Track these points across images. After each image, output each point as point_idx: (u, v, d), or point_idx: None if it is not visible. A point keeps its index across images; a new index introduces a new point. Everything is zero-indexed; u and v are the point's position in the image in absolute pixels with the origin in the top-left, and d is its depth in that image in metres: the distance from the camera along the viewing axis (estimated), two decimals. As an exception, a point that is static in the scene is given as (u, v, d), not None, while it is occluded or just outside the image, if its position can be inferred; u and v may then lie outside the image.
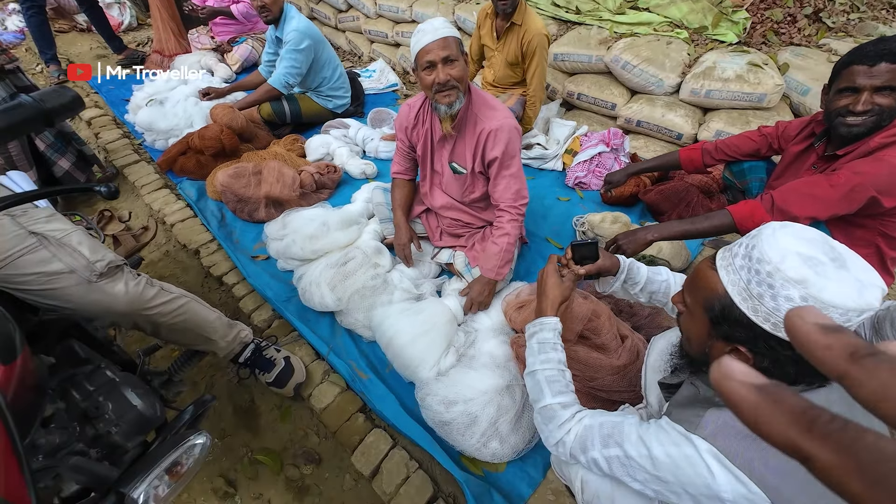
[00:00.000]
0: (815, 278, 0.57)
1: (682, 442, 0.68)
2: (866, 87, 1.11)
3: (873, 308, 0.56)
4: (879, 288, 0.58)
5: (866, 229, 1.25)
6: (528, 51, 2.12)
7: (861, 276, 0.58)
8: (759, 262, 0.62)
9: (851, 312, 0.56)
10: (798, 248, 0.61)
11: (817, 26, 2.44)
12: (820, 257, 0.60)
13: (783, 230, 0.64)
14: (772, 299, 0.60)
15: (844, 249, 0.62)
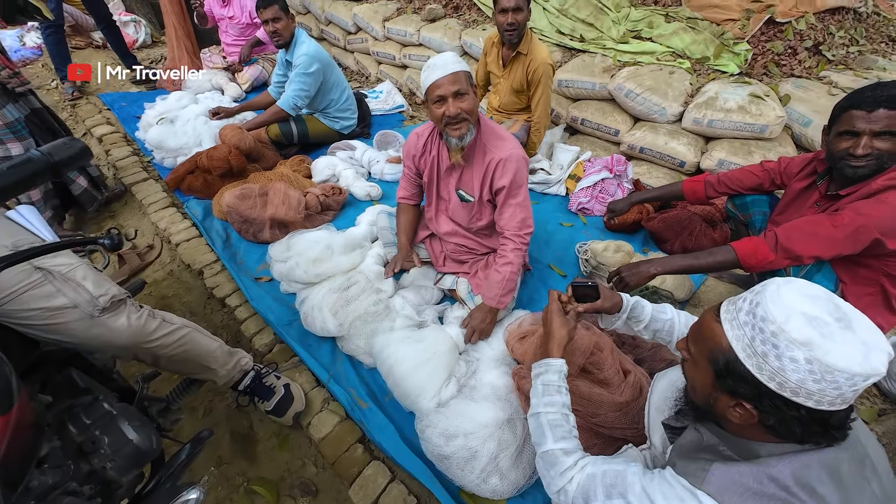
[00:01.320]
0: (821, 340, 0.57)
1: (688, 497, 0.67)
2: (865, 131, 1.12)
3: (880, 373, 0.56)
4: (886, 352, 0.57)
5: (870, 269, 1.24)
6: (534, 79, 2.16)
7: (867, 339, 0.58)
8: (763, 321, 0.61)
9: (858, 377, 0.56)
10: (803, 308, 0.60)
11: (818, 59, 2.48)
12: (825, 318, 0.59)
13: (787, 286, 0.64)
14: (776, 359, 0.60)
15: (850, 309, 0.62)
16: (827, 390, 0.57)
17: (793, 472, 0.63)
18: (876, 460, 0.66)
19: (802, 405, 0.59)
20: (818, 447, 0.64)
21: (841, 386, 0.57)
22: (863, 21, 2.84)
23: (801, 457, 0.64)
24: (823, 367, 0.56)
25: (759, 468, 0.65)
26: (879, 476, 0.65)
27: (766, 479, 0.63)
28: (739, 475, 0.65)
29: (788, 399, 0.60)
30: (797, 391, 0.59)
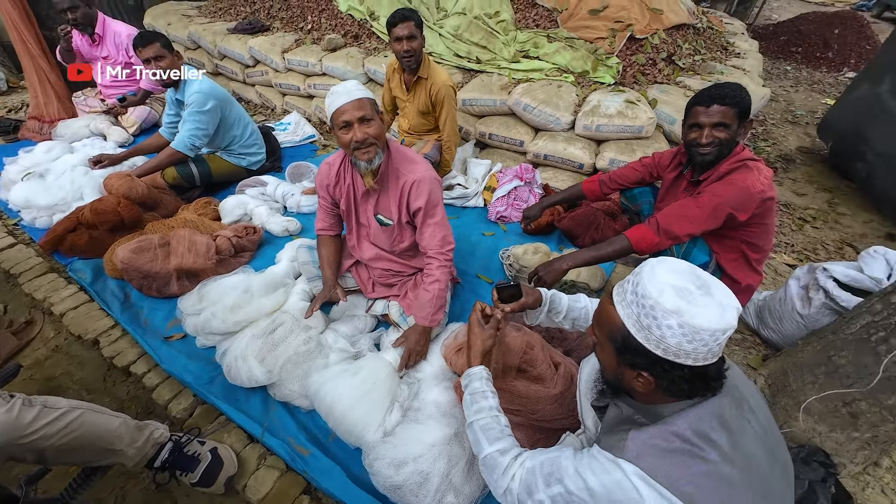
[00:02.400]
0: (688, 307, 0.67)
1: (612, 468, 0.73)
2: (706, 123, 1.35)
3: (733, 327, 0.67)
4: (735, 308, 0.69)
5: (732, 239, 1.48)
6: (437, 101, 2.26)
7: (722, 301, 0.69)
8: (643, 298, 0.71)
9: (717, 332, 0.66)
10: (672, 281, 0.70)
11: (672, 67, 2.93)
12: (690, 287, 0.70)
13: (660, 265, 0.74)
14: (657, 329, 0.69)
15: (708, 277, 0.74)
16: (699, 348, 0.67)
17: (690, 425, 0.72)
18: (752, 400, 0.78)
19: (685, 364, 0.69)
20: (705, 399, 0.74)
21: (708, 342, 0.67)
22: (700, 35, 3.41)
23: (694, 410, 0.73)
24: (692, 329, 0.66)
25: (664, 427, 0.73)
26: (756, 413, 0.77)
27: (671, 435, 0.72)
28: (650, 438, 0.73)
29: (673, 362, 0.69)
30: (678, 353, 0.68)
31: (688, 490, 0.67)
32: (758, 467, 0.72)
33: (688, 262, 0.77)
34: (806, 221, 3.14)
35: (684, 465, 0.69)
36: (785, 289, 1.73)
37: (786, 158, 3.92)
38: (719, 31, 3.87)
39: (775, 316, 1.74)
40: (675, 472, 0.69)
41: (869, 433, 1.24)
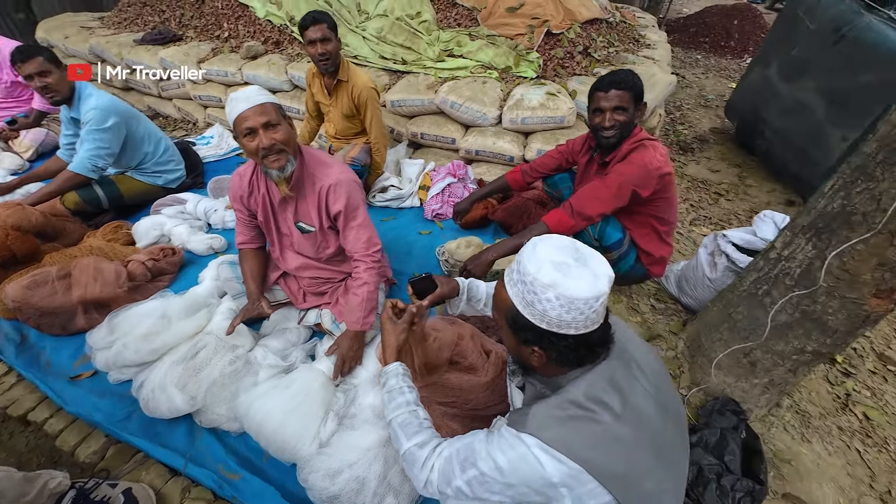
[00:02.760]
0: (563, 279, 0.70)
1: (517, 443, 0.75)
2: (607, 108, 1.43)
3: (604, 293, 0.71)
4: (608, 276, 0.73)
5: (641, 215, 1.58)
6: (360, 103, 2.23)
7: (596, 270, 0.73)
8: (524, 275, 0.73)
9: (591, 300, 0.70)
10: (551, 257, 0.73)
11: (589, 60, 3.08)
12: (568, 261, 0.73)
13: (542, 243, 0.77)
14: (539, 303, 0.71)
15: (587, 250, 0.78)
16: (577, 317, 0.71)
17: (583, 391, 0.75)
18: (641, 360, 0.83)
19: (568, 335, 0.72)
20: (596, 364, 0.78)
21: (583, 310, 0.70)
22: (614, 28, 3.63)
23: (587, 377, 0.77)
24: (568, 299, 0.69)
25: (561, 397, 0.76)
26: (645, 372, 0.82)
27: (567, 403, 0.75)
28: (549, 408, 0.76)
29: (557, 333, 0.72)
30: (560, 324, 0.71)
31: (584, 454, 0.70)
32: (648, 421, 0.77)
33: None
34: (720, 195, 3.42)
35: (580, 430, 0.72)
36: (696, 257, 1.87)
37: (701, 139, 4.25)
38: (632, 25, 4.13)
39: (690, 283, 1.88)
40: (572, 438, 0.72)
41: (766, 378, 1.36)
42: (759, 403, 1.44)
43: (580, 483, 0.71)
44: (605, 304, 0.74)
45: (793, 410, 1.55)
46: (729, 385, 1.46)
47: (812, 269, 1.12)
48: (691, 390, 1.55)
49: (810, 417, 1.56)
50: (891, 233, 0.96)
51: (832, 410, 1.67)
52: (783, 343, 1.26)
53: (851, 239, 1.01)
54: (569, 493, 0.72)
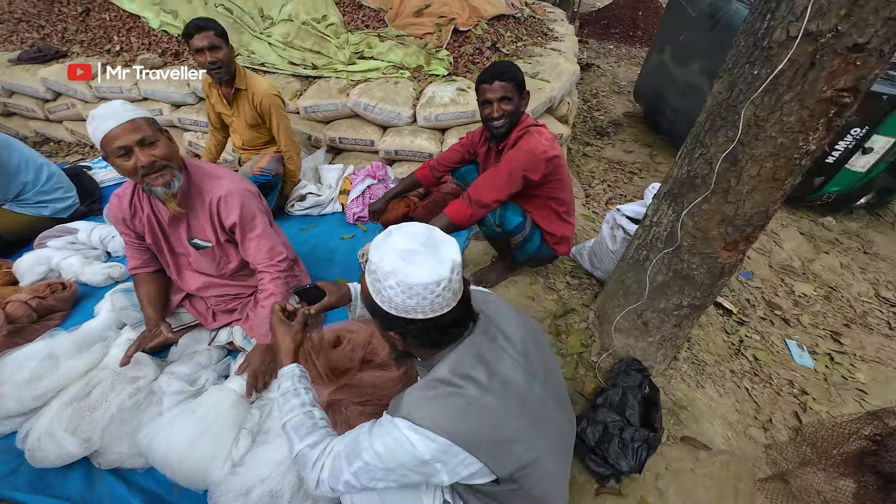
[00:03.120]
0: (404, 266, 0.73)
1: (391, 428, 0.76)
2: (493, 99, 1.49)
3: (444, 278, 0.73)
4: (451, 261, 0.75)
5: (539, 197, 1.66)
6: (264, 111, 2.16)
7: (443, 255, 0.76)
8: (371, 264, 0.76)
9: (431, 285, 0.73)
10: (400, 246, 0.76)
11: (498, 54, 3.19)
12: (416, 247, 0.76)
13: (395, 232, 0.79)
14: (384, 290, 0.74)
15: (440, 236, 0.80)
16: (420, 302, 0.73)
17: (449, 368, 0.79)
18: (510, 331, 0.88)
19: (416, 319, 0.75)
20: (459, 342, 0.82)
21: (426, 295, 0.73)
22: (522, 23, 3.78)
23: (452, 355, 0.80)
24: (407, 286, 0.72)
25: (430, 377, 0.79)
26: (513, 342, 0.87)
27: (434, 381, 0.78)
28: (418, 389, 0.78)
29: (406, 318, 0.75)
30: (406, 309, 0.74)
31: (451, 428, 0.74)
32: (516, 388, 0.82)
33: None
34: (634, 174, 3.67)
35: (446, 405, 0.75)
36: (601, 232, 2.00)
37: (616, 123, 4.54)
38: (541, 19, 4.32)
39: (598, 257, 2.01)
40: (439, 414, 0.75)
41: (658, 335, 1.49)
42: (658, 359, 1.57)
43: (451, 455, 0.74)
44: (454, 288, 0.76)
45: (689, 362, 1.71)
46: (630, 346, 1.58)
47: (674, 230, 1.24)
48: (601, 356, 1.66)
49: (705, 366, 1.73)
50: (724, 192, 1.08)
51: (726, 357, 1.86)
52: (664, 301, 1.39)
53: (695, 200, 1.13)
54: (443, 468, 0.75)
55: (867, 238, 3.07)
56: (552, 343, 1.73)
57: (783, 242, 2.92)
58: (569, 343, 1.73)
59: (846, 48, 0.80)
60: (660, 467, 1.36)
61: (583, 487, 1.31)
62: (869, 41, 0.78)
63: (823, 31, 0.80)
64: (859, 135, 2.65)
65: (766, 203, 1.07)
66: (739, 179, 1.04)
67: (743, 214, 1.10)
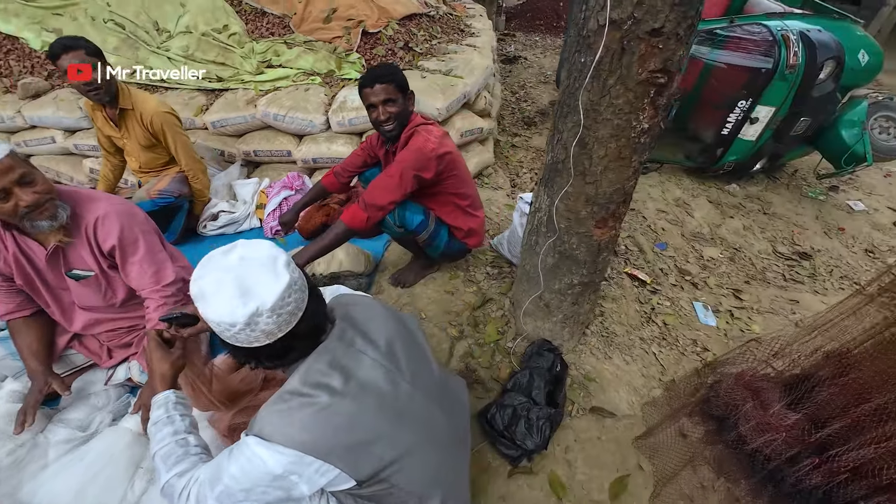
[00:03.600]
0: (208, 291, 0.72)
1: (244, 448, 0.75)
2: (377, 102, 1.49)
3: (238, 321, 0.70)
4: (257, 303, 0.71)
5: (441, 194, 1.68)
6: (157, 131, 2.05)
7: (251, 290, 0.71)
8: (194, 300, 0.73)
9: (224, 323, 0.71)
10: (223, 263, 0.73)
11: (412, 54, 3.20)
12: (228, 272, 0.73)
13: (230, 253, 0.76)
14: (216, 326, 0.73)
15: (270, 265, 0.75)
16: (250, 335, 0.73)
17: (300, 379, 0.78)
18: (371, 333, 0.89)
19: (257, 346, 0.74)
20: (309, 353, 0.81)
21: (221, 331, 0.73)
22: (437, 21, 3.81)
23: (303, 366, 0.80)
24: (204, 315, 0.71)
25: (282, 390, 0.78)
26: (375, 344, 0.88)
27: (285, 394, 0.77)
28: (270, 405, 0.77)
29: (248, 347, 0.74)
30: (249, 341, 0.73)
31: (300, 438, 0.73)
32: (375, 388, 0.82)
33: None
34: (559, 159, 3.78)
35: (295, 417, 0.75)
36: (513, 221, 2.06)
37: (542, 112, 4.68)
38: (458, 16, 4.38)
39: (513, 245, 2.07)
40: (287, 426, 0.74)
41: (560, 315, 1.56)
42: (565, 337, 1.65)
43: (304, 466, 0.74)
44: (261, 329, 0.73)
45: (599, 335, 1.80)
46: (539, 328, 1.64)
47: (551, 215, 1.29)
48: (516, 341, 1.72)
49: (615, 337, 1.83)
50: (582, 174, 1.15)
51: (638, 325, 1.97)
52: (557, 282, 1.45)
53: (561, 184, 1.19)
54: (299, 479, 0.75)
55: (766, 200, 3.35)
56: (469, 335, 1.76)
57: (694, 212, 3.14)
58: (486, 332, 1.77)
59: (647, 33, 0.87)
60: (569, 440, 1.43)
61: (496, 471, 1.34)
62: (663, 26, 0.85)
63: (623, 18, 0.86)
64: (745, 107, 2.89)
65: (620, 181, 1.14)
66: (591, 161, 1.10)
67: (603, 193, 1.16)
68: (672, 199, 3.28)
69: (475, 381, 1.59)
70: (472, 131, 2.89)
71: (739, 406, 1.12)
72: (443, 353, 1.68)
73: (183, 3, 2.95)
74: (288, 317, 0.75)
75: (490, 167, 3.23)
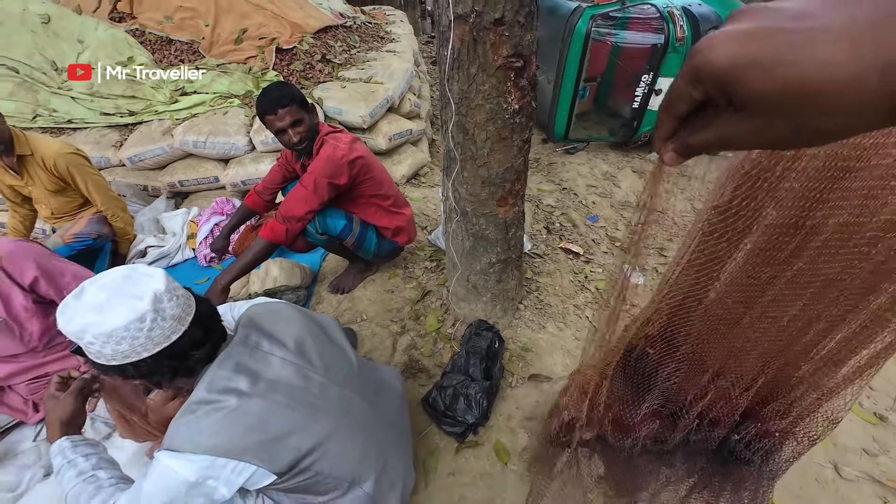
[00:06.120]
0: (96, 319, 0.71)
1: (156, 464, 0.77)
2: (285, 127, 1.50)
3: (148, 309, 0.73)
4: (152, 291, 0.75)
5: (360, 198, 1.73)
6: (63, 174, 1.97)
7: (140, 291, 0.74)
8: (66, 334, 0.74)
9: (133, 322, 0.72)
10: (92, 301, 0.73)
11: (331, 66, 3.22)
12: (109, 296, 0.73)
13: (88, 288, 0.75)
14: (88, 347, 0.74)
15: (139, 272, 0.78)
16: (132, 344, 0.73)
17: (206, 387, 0.81)
18: (278, 335, 0.92)
19: (140, 359, 0.75)
20: (209, 361, 0.84)
21: (134, 336, 0.73)
22: (354, 31, 3.85)
23: (207, 374, 0.83)
24: (105, 335, 0.72)
25: (188, 402, 0.80)
26: (282, 344, 0.91)
27: (192, 405, 0.79)
28: (178, 418, 0.79)
29: (132, 362, 0.75)
30: (124, 355, 0.74)
31: (210, 442, 0.76)
32: (285, 384, 0.86)
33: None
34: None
35: (204, 423, 0.77)
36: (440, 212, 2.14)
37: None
38: (378, 23, 4.44)
39: (447, 237, 2.15)
40: (195, 434, 0.76)
41: (488, 294, 1.64)
42: (498, 315, 1.74)
43: (217, 469, 0.76)
44: (172, 314, 0.76)
45: (532, 308, 1.90)
46: (473, 310, 1.72)
47: (455, 199, 1.37)
48: (455, 326, 1.79)
49: (548, 307, 1.94)
50: (472, 158, 1.23)
51: (571, 294, 2.10)
52: (478, 262, 1.54)
53: (456, 169, 1.27)
54: (216, 482, 0.77)
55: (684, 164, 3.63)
56: (411, 328, 1.82)
57: (620, 182, 3.35)
58: (427, 323, 1.83)
59: (491, 23, 0.96)
60: (511, 409, 1.51)
61: (445, 449, 1.40)
62: (503, 16, 0.94)
63: (468, 13, 0.95)
64: (649, 80, 3.13)
65: (507, 160, 1.23)
66: (476, 145, 1.19)
67: (495, 173, 1.25)
68: (600, 173, 3.48)
69: (419, 370, 1.65)
70: (400, 134, 2.95)
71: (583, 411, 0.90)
72: (386, 349, 1.73)
73: (81, 40, 2.83)
74: (185, 301, 0.78)
75: (426, 166, 3.30)
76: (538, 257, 2.32)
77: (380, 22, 4.56)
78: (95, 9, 3.00)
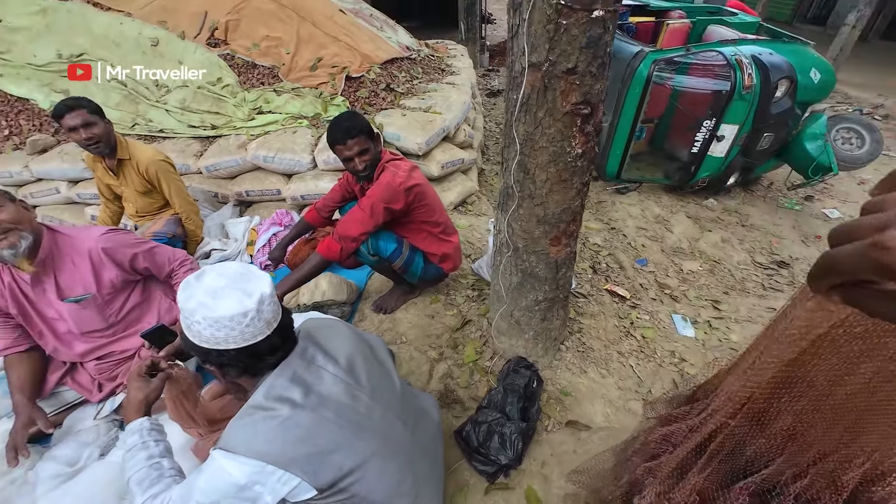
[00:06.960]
0: (209, 302, 0.79)
1: (211, 462, 0.81)
2: (352, 156, 1.61)
3: (251, 309, 0.81)
4: (260, 292, 0.83)
5: (412, 223, 1.78)
6: (152, 178, 2.20)
7: (251, 289, 0.83)
8: (181, 308, 0.82)
9: (237, 316, 0.80)
10: (209, 285, 0.82)
11: (394, 94, 3.42)
12: (225, 285, 0.82)
13: (209, 272, 0.85)
14: (193, 325, 0.80)
15: (252, 272, 0.87)
16: (229, 333, 0.80)
17: (264, 393, 0.85)
18: (332, 351, 0.96)
19: (227, 349, 0.82)
20: (273, 368, 0.89)
21: (233, 326, 0.80)
22: (418, 63, 4.07)
23: (267, 380, 0.87)
24: (213, 319, 0.79)
25: (247, 405, 0.85)
26: (335, 360, 0.95)
27: (250, 408, 0.84)
28: (236, 419, 0.84)
29: (220, 349, 0.81)
30: (217, 341, 0.81)
31: (262, 448, 0.79)
32: (335, 401, 0.89)
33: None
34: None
35: (258, 429, 0.81)
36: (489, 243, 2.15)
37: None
38: (440, 56, 4.67)
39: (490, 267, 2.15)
40: (251, 438, 0.80)
41: (531, 331, 1.62)
42: (539, 353, 1.70)
43: (266, 475, 0.79)
44: (265, 318, 0.84)
45: (574, 350, 1.85)
46: (513, 346, 1.69)
47: (508, 235, 1.39)
48: (493, 360, 1.77)
49: (591, 351, 1.87)
50: (529, 196, 1.25)
51: (616, 340, 2.02)
52: (524, 299, 1.53)
53: (512, 207, 1.29)
54: (262, 489, 0.80)
55: (743, 213, 3.45)
56: (448, 356, 1.81)
57: (673, 227, 3.23)
58: (465, 353, 1.82)
59: (563, 73, 0.99)
60: (545, 454, 1.45)
61: (474, 488, 1.37)
62: (576, 66, 0.98)
63: (541, 62, 0.99)
64: (711, 126, 3.04)
65: (565, 201, 1.24)
66: (535, 185, 1.21)
67: (552, 213, 1.26)
68: (651, 216, 3.38)
69: (454, 401, 1.63)
70: (453, 162, 3.04)
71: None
72: (422, 374, 1.73)
73: (181, 61, 3.20)
74: (276, 307, 0.84)
75: (474, 195, 3.36)
76: (582, 297, 2.27)
77: (442, 55, 4.80)
78: (196, 35, 3.39)
